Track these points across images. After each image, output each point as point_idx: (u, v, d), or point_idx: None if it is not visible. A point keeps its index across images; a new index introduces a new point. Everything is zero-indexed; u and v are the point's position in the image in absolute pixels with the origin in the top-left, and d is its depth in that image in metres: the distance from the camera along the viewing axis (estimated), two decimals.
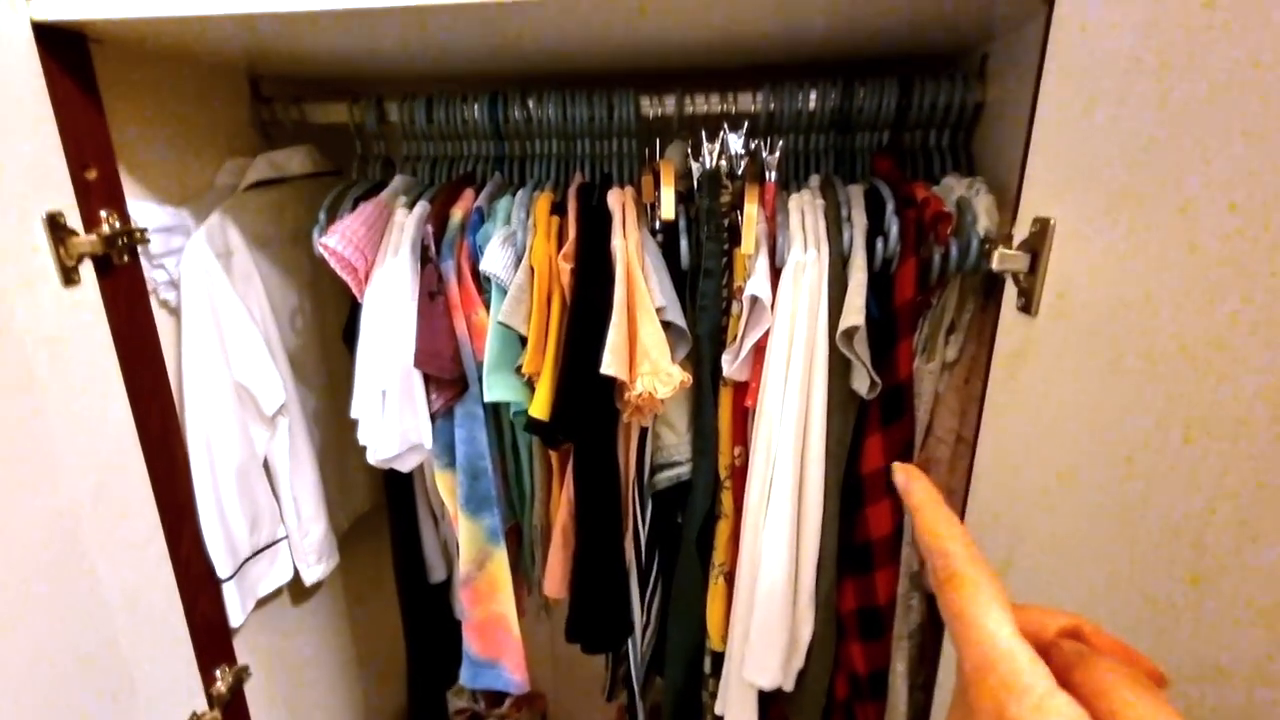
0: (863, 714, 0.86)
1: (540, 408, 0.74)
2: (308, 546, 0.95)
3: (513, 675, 0.92)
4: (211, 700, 0.83)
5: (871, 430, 0.76)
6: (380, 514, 1.10)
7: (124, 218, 0.70)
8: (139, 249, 0.72)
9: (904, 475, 0.30)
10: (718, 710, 0.88)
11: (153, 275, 0.76)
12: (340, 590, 1.17)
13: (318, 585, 1.13)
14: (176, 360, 0.78)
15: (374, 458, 0.80)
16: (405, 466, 0.83)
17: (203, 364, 0.78)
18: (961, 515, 0.71)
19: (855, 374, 0.72)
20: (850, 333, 0.68)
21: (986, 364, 0.67)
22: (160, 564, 0.75)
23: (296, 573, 0.96)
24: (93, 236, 0.65)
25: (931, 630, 0.82)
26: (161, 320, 0.77)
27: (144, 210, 0.74)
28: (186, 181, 0.82)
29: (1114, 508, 0.48)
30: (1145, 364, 0.44)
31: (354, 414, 0.80)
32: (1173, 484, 0.42)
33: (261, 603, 0.94)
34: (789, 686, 0.81)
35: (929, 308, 0.76)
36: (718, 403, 0.81)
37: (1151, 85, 0.42)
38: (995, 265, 0.57)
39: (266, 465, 0.89)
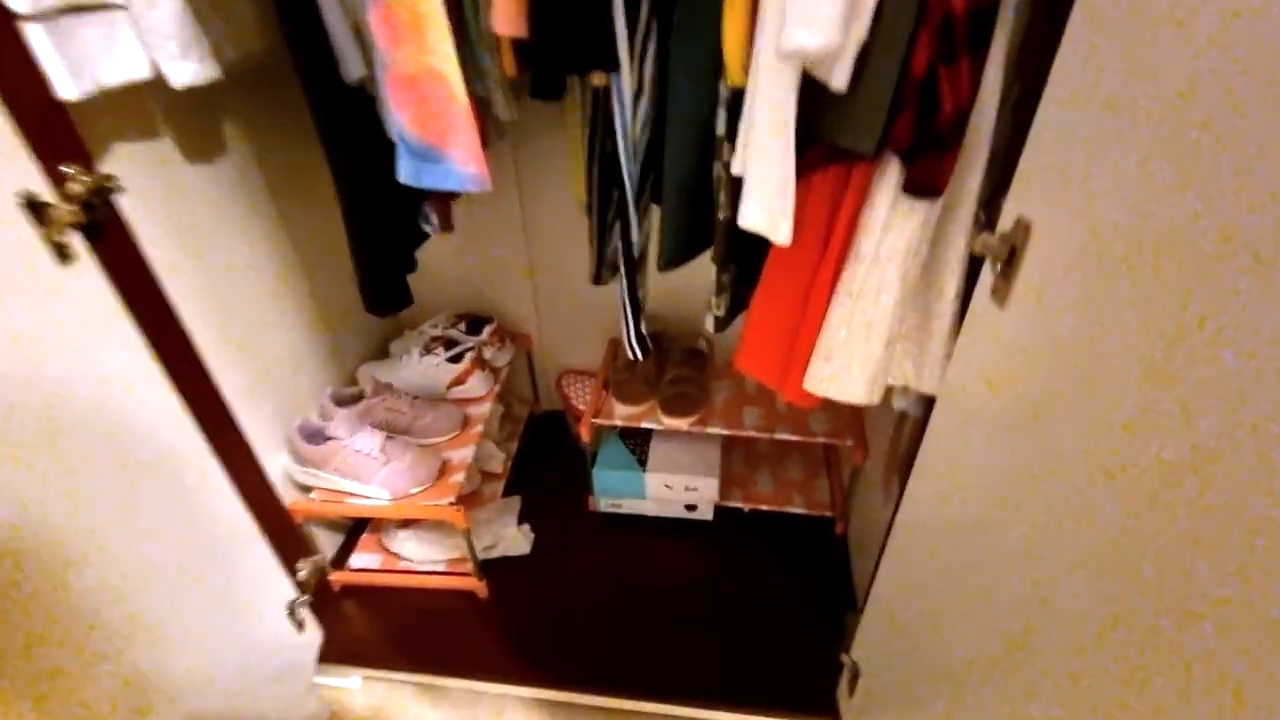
0: (951, 87, 0.55)
1: None
2: (159, 28, 0.68)
3: (464, 168, 0.69)
4: (68, 198, 0.61)
5: None
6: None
7: None
8: None
9: None
10: (735, 169, 0.66)
11: None
12: (255, 166, 0.96)
13: (218, 141, 0.91)
14: None
15: None
16: None
17: None
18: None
19: None
20: None
21: None
22: None
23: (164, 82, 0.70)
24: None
25: None
26: None
27: None
28: None
29: None
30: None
31: None
32: None
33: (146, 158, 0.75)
34: (842, 82, 0.57)
35: None
36: None
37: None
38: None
39: None
